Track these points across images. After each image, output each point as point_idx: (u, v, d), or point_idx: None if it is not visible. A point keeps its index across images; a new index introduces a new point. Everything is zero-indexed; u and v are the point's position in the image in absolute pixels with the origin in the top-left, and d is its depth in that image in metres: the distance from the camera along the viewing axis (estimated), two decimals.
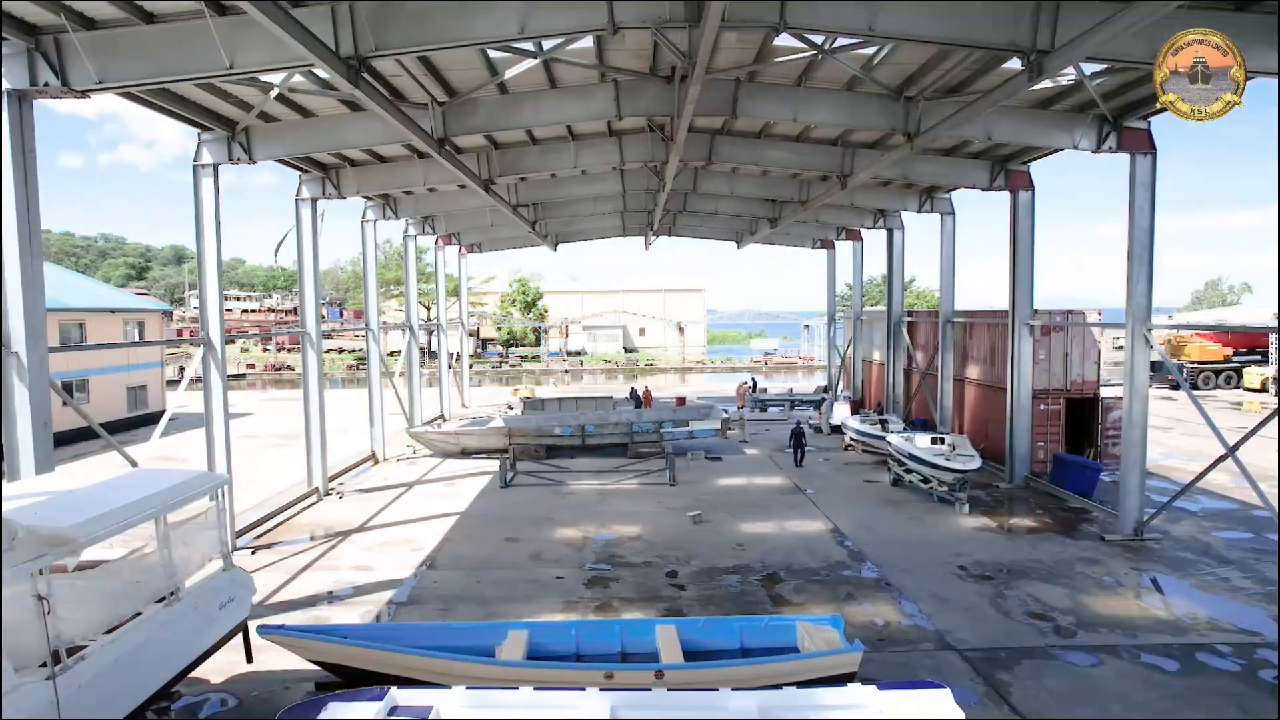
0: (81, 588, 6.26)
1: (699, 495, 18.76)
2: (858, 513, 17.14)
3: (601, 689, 6.91)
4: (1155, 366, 43.43)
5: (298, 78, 12.62)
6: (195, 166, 14.41)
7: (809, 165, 19.38)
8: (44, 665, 5.75)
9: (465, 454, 24.17)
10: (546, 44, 12.10)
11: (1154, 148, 14.49)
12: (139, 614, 7.14)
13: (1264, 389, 37.73)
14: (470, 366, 42.47)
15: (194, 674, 8.53)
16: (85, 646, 6.22)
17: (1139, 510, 14.98)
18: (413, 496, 19.31)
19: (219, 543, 8.39)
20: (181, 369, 54.27)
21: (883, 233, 27.35)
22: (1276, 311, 36.93)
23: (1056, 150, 16.45)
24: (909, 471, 18.88)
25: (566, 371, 66.31)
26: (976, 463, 17.50)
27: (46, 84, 9.65)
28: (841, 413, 27.52)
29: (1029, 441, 19.78)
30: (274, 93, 12.69)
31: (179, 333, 67.15)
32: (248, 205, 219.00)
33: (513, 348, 73.45)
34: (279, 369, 68.20)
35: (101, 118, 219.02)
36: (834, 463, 22.81)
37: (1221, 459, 13.29)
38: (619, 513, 17.30)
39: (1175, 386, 41.26)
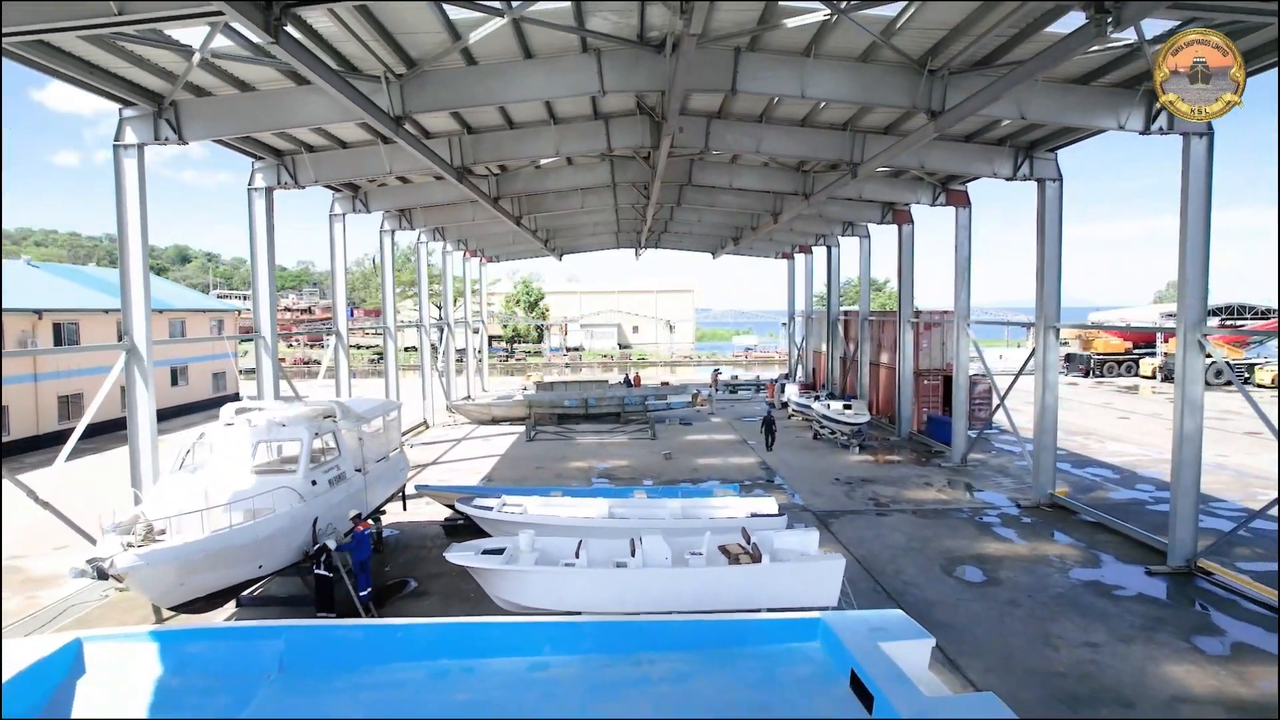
0: (366, 440, 13.50)
1: (671, 444, 26.07)
2: (782, 454, 24.44)
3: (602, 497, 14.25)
4: (1069, 358, 51.06)
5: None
6: (331, 216, 21.65)
7: (748, 207, 26.72)
8: (359, 470, 12.95)
9: (495, 421, 31.42)
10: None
11: (970, 203, 21.79)
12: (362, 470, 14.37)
13: (1154, 376, 45.15)
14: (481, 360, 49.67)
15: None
16: (364, 469, 13.43)
17: (964, 447, 22.31)
18: (463, 447, 26.56)
19: (399, 436, 15.62)
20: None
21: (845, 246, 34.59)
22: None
23: (910, 204, 23.85)
24: (823, 427, 26.25)
25: (567, 365, 73.39)
26: (865, 418, 24.89)
27: (285, 182, 16.83)
28: (791, 391, 34.80)
29: (913, 406, 27.12)
30: (393, 175, 19.90)
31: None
32: (243, 209, 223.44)
33: (516, 344, 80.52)
34: (306, 363, 75.27)
35: (99, 115, 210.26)
36: (777, 427, 30.03)
37: (996, 408, 20.58)
38: (613, 454, 24.60)
39: (1086, 374, 48.74)
